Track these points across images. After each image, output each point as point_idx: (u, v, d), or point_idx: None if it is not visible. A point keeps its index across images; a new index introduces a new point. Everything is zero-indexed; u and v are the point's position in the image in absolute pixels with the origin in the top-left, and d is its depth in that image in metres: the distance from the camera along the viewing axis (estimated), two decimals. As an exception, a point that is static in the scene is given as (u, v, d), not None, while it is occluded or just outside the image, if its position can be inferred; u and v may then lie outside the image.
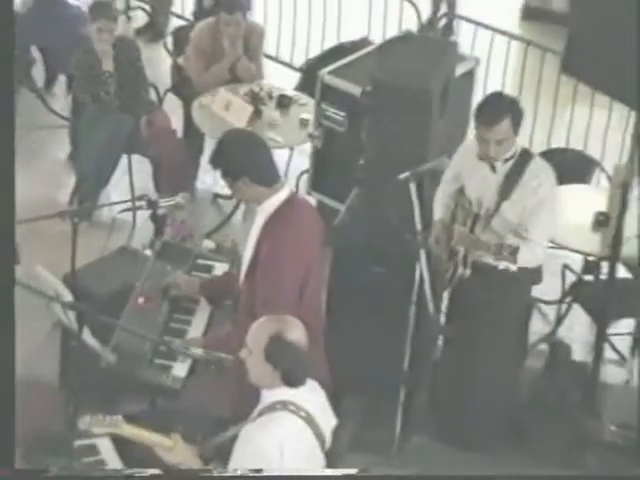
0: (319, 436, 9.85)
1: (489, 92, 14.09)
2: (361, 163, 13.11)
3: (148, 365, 11.75)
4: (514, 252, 11.83)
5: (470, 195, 12.78)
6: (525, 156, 12.65)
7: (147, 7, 20.14)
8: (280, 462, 9.74)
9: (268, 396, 9.73)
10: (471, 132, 13.69)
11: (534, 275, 13.00)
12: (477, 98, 14.40)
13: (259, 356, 9.63)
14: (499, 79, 16.96)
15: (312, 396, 9.93)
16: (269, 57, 18.01)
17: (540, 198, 12.56)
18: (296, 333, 9.66)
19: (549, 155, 14.14)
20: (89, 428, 10.64)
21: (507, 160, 12.53)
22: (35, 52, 18.69)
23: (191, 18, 18.89)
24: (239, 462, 9.83)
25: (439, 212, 13.09)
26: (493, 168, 12.62)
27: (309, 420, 9.72)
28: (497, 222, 12.55)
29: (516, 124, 12.53)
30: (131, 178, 16.57)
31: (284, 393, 9.68)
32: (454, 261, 12.92)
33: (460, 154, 13.13)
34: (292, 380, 9.64)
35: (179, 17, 19.61)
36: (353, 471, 9.14)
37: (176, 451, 10.13)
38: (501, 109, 12.50)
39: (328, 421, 10.07)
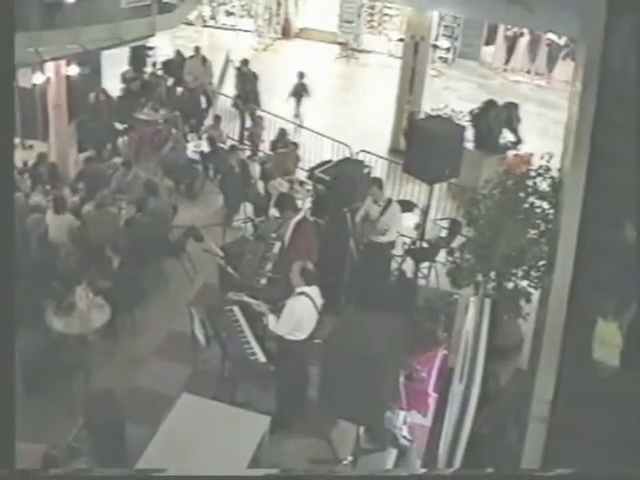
0: (315, 307, 10.21)
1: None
2: (330, 205, 13.16)
3: (252, 279, 12.26)
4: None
5: (370, 215, 13.18)
6: (389, 201, 13.07)
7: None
8: (300, 316, 10.19)
9: (299, 289, 10.17)
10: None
11: (392, 243, 13.41)
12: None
13: (295, 274, 10.19)
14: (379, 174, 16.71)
15: (315, 291, 10.29)
16: (299, 167, 17.75)
17: (393, 217, 12.99)
18: (309, 266, 10.24)
19: (399, 202, 13.94)
20: (230, 296, 11.14)
21: (383, 202, 12.99)
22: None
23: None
24: (284, 313, 10.28)
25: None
26: (378, 204, 13.05)
27: (311, 299, 10.13)
28: (379, 224, 12.95)
29: (380, 186, 13.05)
30: (245, 210, 16.31)
31: (305, 289, 10.13)
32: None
33: (368, 201, 13.34)
34: (308, 283, 10.17)
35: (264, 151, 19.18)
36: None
37: (262, 306, 10.63)
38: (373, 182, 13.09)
39: (319, 300, 10.32)
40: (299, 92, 21.38)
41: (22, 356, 11.84)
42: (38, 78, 17.56)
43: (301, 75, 21.40)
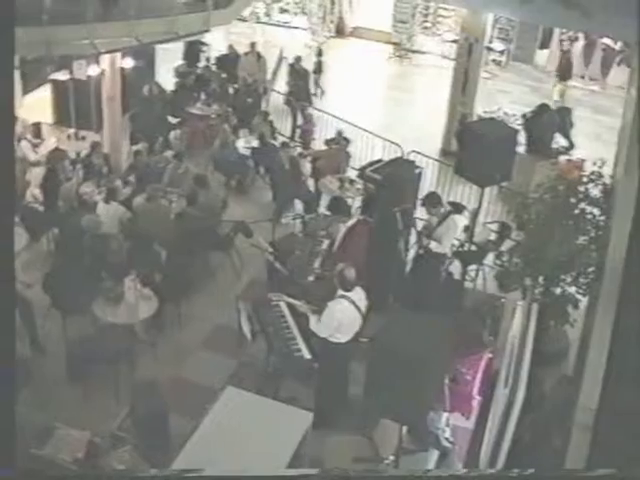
0: (358, 310, 10.26)
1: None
2: (380, 205, 13.13)
3: (300, 276, 12.31)
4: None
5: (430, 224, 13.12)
6: (447, 213, 12.99)
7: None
8: (339, 319, 10.26)
9: (340, 292, 10.19)
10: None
11: (445, 253, 13.30)
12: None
13: (337, 280, 10.22)
14: (429, 175, 16.78)
15: (358, 294, 10.33)
16: (350, 166, 17.67)
17: (449, 229, 12.92)
18: (349, 272, 10.22)
19: (450, 205, 13.89)
20: (271, 297, 11.18)
21: (442, 214, 12.95)
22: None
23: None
24: (324, 315, 10.32)
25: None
26: (432, 214, 13.01)
27: (352, 302, 10.15)
28: (435, 234, 12.89)
29: (436, 203, 12.97)
30: (294, 207, 16.33)
31: (345, 292, 10.18)
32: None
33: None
34: (343, 287, 10.17)
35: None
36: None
37: (304, 307, 10.67)
38: (430, 198, 13.05)
39: (363, 302, 10.39)
40: (316, 70, 22.18)
41: (69, 344, 12.05)
42: (93, 70, 17.74)
43: (319, 52, 22.33)
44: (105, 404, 11.36)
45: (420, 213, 13.78)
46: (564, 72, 24.37)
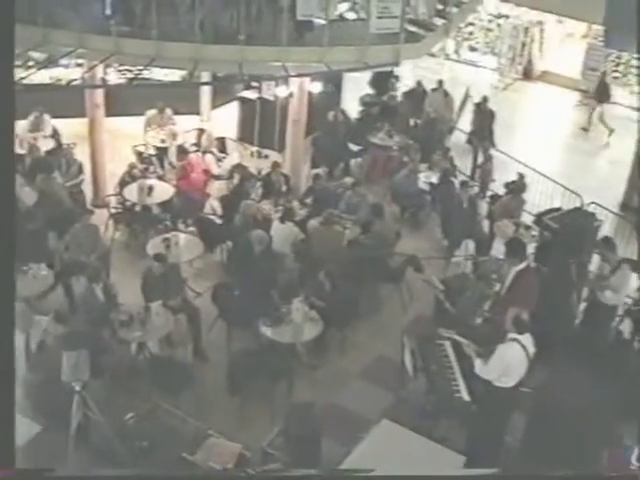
0: (527, 355, 9.97)
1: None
2: (555, 254, 12.86)
3: (468, 317, 12.13)
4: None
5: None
6: (620, 262, 12.57)
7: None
8: (509, 362, 10.02)
9: (511, 335, 10.01)
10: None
11: (617, 306, 12.91)
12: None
13: (509, 320, 10.04)
14: (608, 228, 16.14)
15: (527, 339, 10.05)
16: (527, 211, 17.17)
17: (623, 279, 12.50)
18: (523, 315, 10.03)
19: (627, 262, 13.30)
20: (442, 332, 11.01)
21: (615, 262, 12.55)
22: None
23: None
24: (494, 357, 10.12)
25: None
26: (609, 263, 12.60)
27: (523, 347, 9.92)
28: (608, 282, 12.52)
29: (612, 248, 12.56)
30: (467, 247, 16.09)
31: (516, 335, 9.94)
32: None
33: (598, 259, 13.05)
34: (519, 332, 9.97)
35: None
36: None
37: (471, 347, 10.54)
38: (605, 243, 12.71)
39: (532, 348, 10.06)
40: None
41: (232, 356, 12.27)
42: (282, 92, 18.06)
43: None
44: (259, 419, 11.53)
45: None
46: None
